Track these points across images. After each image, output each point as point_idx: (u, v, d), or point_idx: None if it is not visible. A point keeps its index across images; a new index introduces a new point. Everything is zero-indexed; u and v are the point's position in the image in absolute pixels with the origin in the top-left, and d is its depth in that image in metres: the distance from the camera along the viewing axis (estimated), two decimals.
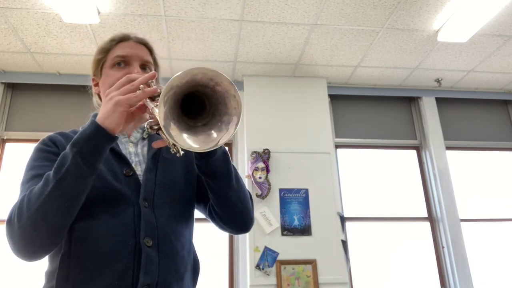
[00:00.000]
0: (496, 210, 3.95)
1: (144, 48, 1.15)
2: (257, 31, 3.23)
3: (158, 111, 0.71)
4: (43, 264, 0.99)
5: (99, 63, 1.14)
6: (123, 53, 1.10)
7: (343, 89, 4.07)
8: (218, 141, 0.78)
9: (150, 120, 0.84)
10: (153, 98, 0.85)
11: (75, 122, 3.68)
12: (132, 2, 2.86)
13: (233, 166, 1.01)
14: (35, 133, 3.62)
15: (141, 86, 0.85)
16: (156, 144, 0.90)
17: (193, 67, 0.72)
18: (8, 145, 3.60)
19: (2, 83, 3.66)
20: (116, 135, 0.86)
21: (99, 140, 0.84)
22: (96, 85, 1.18)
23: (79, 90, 3.79)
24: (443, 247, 3.68)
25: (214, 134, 0.78)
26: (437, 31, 3.26)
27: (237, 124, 0.78)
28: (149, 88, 0.84)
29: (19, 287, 3.22)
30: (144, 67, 1.12)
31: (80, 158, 0.82)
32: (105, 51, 1.13)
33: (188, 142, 0.75)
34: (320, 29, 3.23)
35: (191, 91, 0.76)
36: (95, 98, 1.20)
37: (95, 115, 1.16)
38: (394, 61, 3.68)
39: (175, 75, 0.70)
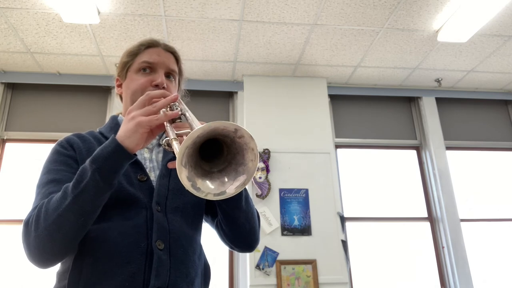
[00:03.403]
0: (496, 210, 3.95)
1: (171, 56, 1.16)
2: (257, 31, 3.23)
3: (178, 170, 0.72)
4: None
5: (125, 66, 1.15)
6: (150, 60, 1.12)
7: (343, 89, 4.07)
8: (230, 190, 0.79)
9: (167, 138, 0.85)
10: (173, 120, 0.88)
11: (75, 122, 3.69)
12: (132, 2, 2.86)
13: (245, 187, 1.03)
14: (35, 133, 3.62)
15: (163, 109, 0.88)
16: (172, 165, 0.91)
17: (215, 121, 0.73)
18: (8, 145, 3.60)
19: (2, 83, 3.66)
20: (135, 152, 0.88)
21: (118, 158, 0.85)
22: (119, 85, 1.19)
23: (79, 90, 3.80)
24: (443, 247, 3.68)
25: (228, 183, 0.79)
26: (437, 31, 3.26)
27: (249, 180, 0.79)
28: (170, 112, 0.87)
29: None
30: (168, 75, 1.14)
31: (99, 175, 0.84)
32: (132, 54, 1.14)
33: (204, 188, 0.77)
34: (320, 29, 3.23)
35: (211, 138, 0.77)
36: (116, 98, 1.23)
37: (113, 118, 1.17)
38: (394, 61, 3.68)
39: (198, 128, 0.71)
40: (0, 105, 3.62)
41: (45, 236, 0.85)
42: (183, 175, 0.73)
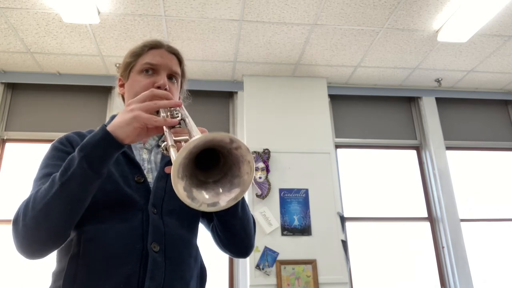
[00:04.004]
0: (496, 210, 3.95)
1: (174, 58, 1.16)
2: (257, 31, 3.23)
3: (173, 182, 0.71)
4: (50, 264, 1.00)
5: (128, 66, 1.14)
6: (153, 61, 1.11)
7: (343, 89, 4.07)
8: (223, 202, 0.78)
9: (165, 143, 0.84)
10: (173, 125, 0.87)
11: (75, 122, 3.69)
12: (132, 2, 2.86)
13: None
14: (35, 133, 3.62)
15: (163, 114, 0.88)
16: (169, 170, 0.90)
17: (213, 132, 0.73)
18: (8, 145, 3.60)
19: (2, 83, 3.66)
20: (125, 144, 0.87)
21: (107, 147, 0.84)
22: (122, 85, 1.19)
23: (79, 90, 3.80)
24: (443, 247, 3.68)
25: (222, 194, 0.78)
26: (437, 31, 3.26)
27: (242, 194, 0.78)
28: (170, 119, 0.86)
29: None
30: (171, 77, 1.13)
31: (86, 163, 0.83)
32: (136, 55, 1.14)
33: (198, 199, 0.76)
34: (320, 29, 3.23)
35: (208, 148, 0.76)
36: (118, 98, 1.23)
37: (114, 117, 1.17)
38: (394, 61, 3.68)
39: (194, 138, 0.70)
40: (0, 105, 3.62)
41: (32, 225, 0.84)
42: (179, 186, 0.72)
